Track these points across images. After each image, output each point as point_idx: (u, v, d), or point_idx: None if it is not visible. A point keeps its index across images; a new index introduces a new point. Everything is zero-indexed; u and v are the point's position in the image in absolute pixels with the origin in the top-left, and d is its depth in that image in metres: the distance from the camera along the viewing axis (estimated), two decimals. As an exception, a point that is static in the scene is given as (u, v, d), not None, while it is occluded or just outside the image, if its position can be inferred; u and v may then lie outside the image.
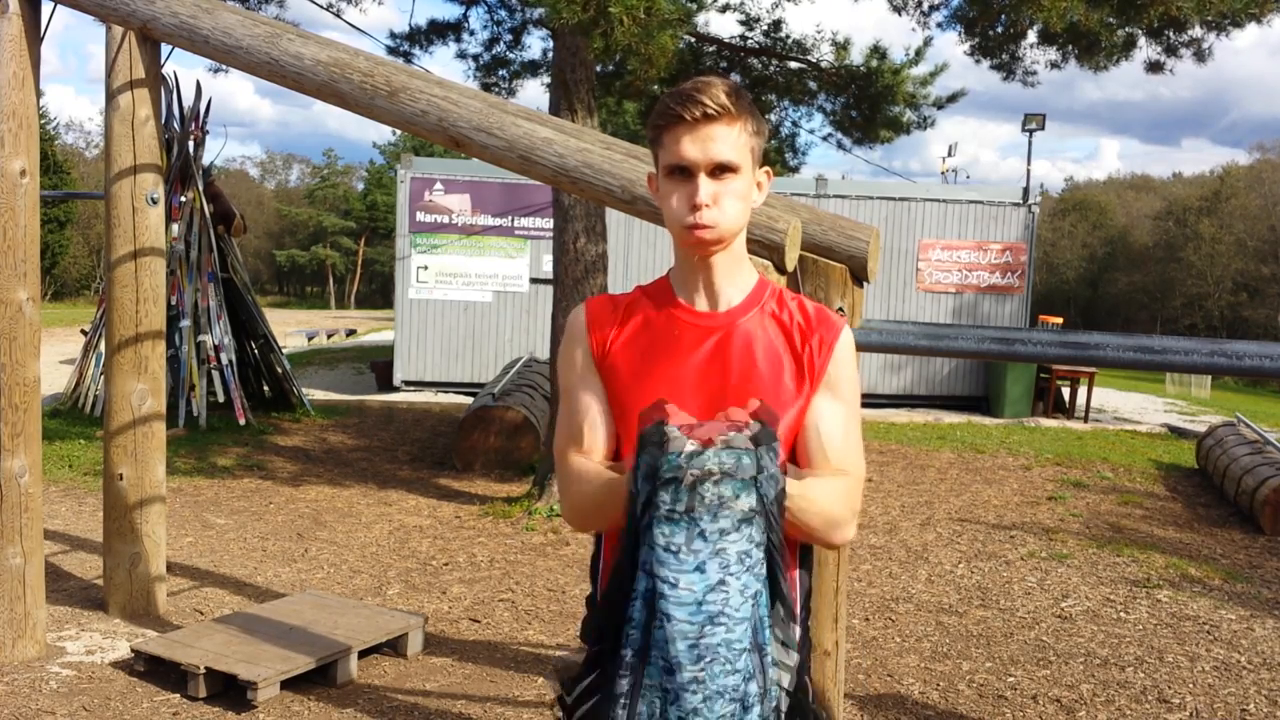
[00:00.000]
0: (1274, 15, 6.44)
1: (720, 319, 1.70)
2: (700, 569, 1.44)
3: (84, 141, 49.14)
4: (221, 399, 9.69)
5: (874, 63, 8.74)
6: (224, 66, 7.04)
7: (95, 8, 4.21)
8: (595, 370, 1.73)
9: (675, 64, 7.16)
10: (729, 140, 1.61)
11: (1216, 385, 19.19)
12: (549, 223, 10.45)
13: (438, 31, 8.91)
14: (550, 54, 7.63)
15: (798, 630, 1.53)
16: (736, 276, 1.72)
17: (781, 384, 1.67)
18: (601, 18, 5.21)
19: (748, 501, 1.45)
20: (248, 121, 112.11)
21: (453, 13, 14.23)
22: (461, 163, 12.74)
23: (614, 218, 9.16)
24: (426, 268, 12.70)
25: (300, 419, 10.34)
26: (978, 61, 8.10)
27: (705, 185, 1.62)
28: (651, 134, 1.67)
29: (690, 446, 1.44)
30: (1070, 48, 7.37)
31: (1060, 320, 14.12)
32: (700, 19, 9.01)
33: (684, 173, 1.63)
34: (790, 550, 1.67)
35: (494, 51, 8.92)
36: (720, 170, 1.62)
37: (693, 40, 8.62)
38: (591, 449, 1.70)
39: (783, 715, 1.51)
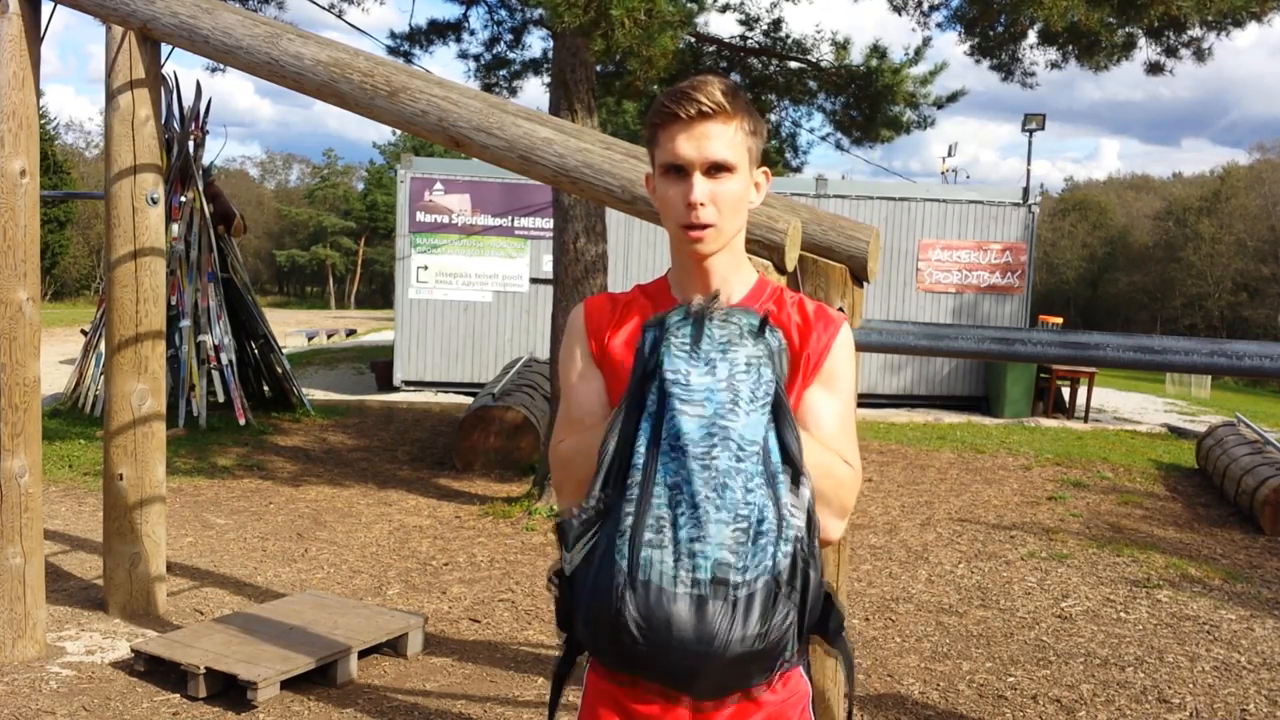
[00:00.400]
0: (1274, 14, 6.44)
1: None
2: (711, 368, 1.44)
3: (84, 141, 49.21)
4: (221, 399, 9.69)
5: (874, 62, 8.74)
6: (224, 66, 7.04)
7: (95, 8, 4.21)
8: (595, 368, 1.73)
9: (675, 64, 7.16)
10: (724, 139, 1.59)
11: (1216, 385, 19.19)
12: (549, 223, 10.45)
13: (438, 31, 8.91)
14: (550, 54, 7.63)
15: (807, 494, 1.46)
16: (735, 276, 1.71)
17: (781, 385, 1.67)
18: (602, 20, 5.21)
19: (755, 350, 1.46)
20: (248, 121, 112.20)
21: (453, 13, 14.23)
22: (461, 163, 12.74)
23: (614, 218, 9.16)
24: (426, 268, 12.70)
25: (300, 419, 10.34)
26: (977, 61, 8.10)
27: (700, 184, 1.60)
28: (648, 133, 1.66)
29: (697, 300, 1.49)
30: (1070, 48, 7.37)
31: (1060, 320, 14.13)
32: (700, 19, 9.01)
33: (679, 171, 1.61)
34: None
35: (494, 51, 8.92)
36: (716, 169, 1.60)
37: (693, 40, 8.62)
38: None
39: (788, 572, 1.42)
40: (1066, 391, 12.72)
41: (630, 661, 1.44)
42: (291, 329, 21.88)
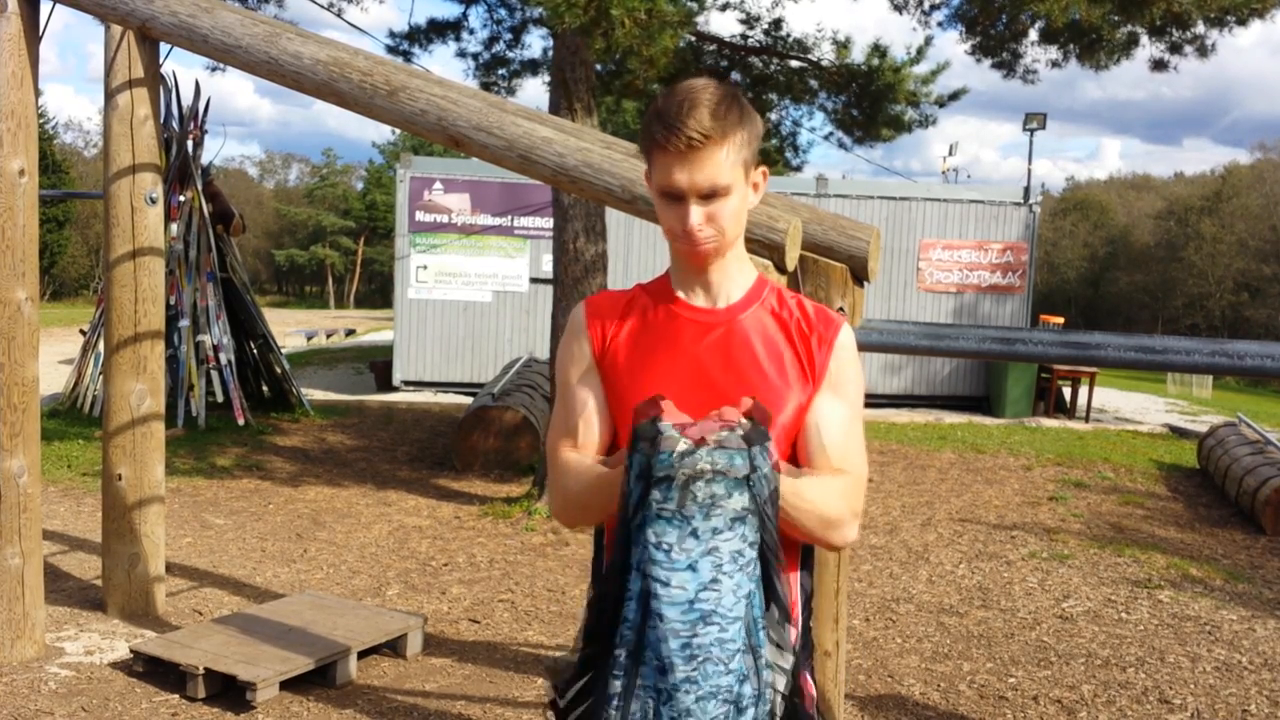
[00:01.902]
0: (1276, 11, 6.43)
1: (720, 315, 1.69)
2: (693, 567, 1.44)
3: (83, 141, 49.14)
4: (220, 399, 9.68)
5: (875, 61, 8.73)
6: (223, 66, 7.02)
7: (94, 7, 4.20)
8: (594, 367, 1.72)
9: (675, 64, 7.15)
10: (717, 164, 1.57)
11: (1218, 385, 19.17)
12: (549, 222, 10.44)
13: (437, 30, 8.89)
14: (550, 53, 7.62)
15: (793, 632, 1.52)
16: (736, 274, 1.71)
17: (782, 380, 1.66)
18: (602, 19, 5.20)
19: (740, 500, 1.45)
20: (247, 121, 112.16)
21: (452, 12, 14.23)
22: (461, 162, 12.73)
23: (614, 217, 9.15)
24: (426, 267, 12.69)
25: (299, 419, 10.33)
26: (978, 61, 8.09)
27: (696, 210, 1.60)
28: (642, 147, 1.64)
29: (683, 445, 1.45)
30: (1071, 46, 7.35)
31: (1061, 320, 14.10)
32: (700, 18, 9.00)
33: (675, 196, 1.61)
34: (791, 552, 1.66)
35: (494, 50, 8.91)
36: (711, 194, 1.59)
37: (693, 40, 8.61)
38: (585, 445, 1.70)
39: (778, 718, 1.50)
40: (1068, 391, 12.71)
41: None
42: (290, 329, 21.87)
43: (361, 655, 4.23)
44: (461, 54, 8.91)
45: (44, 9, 4.16)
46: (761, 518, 1.47)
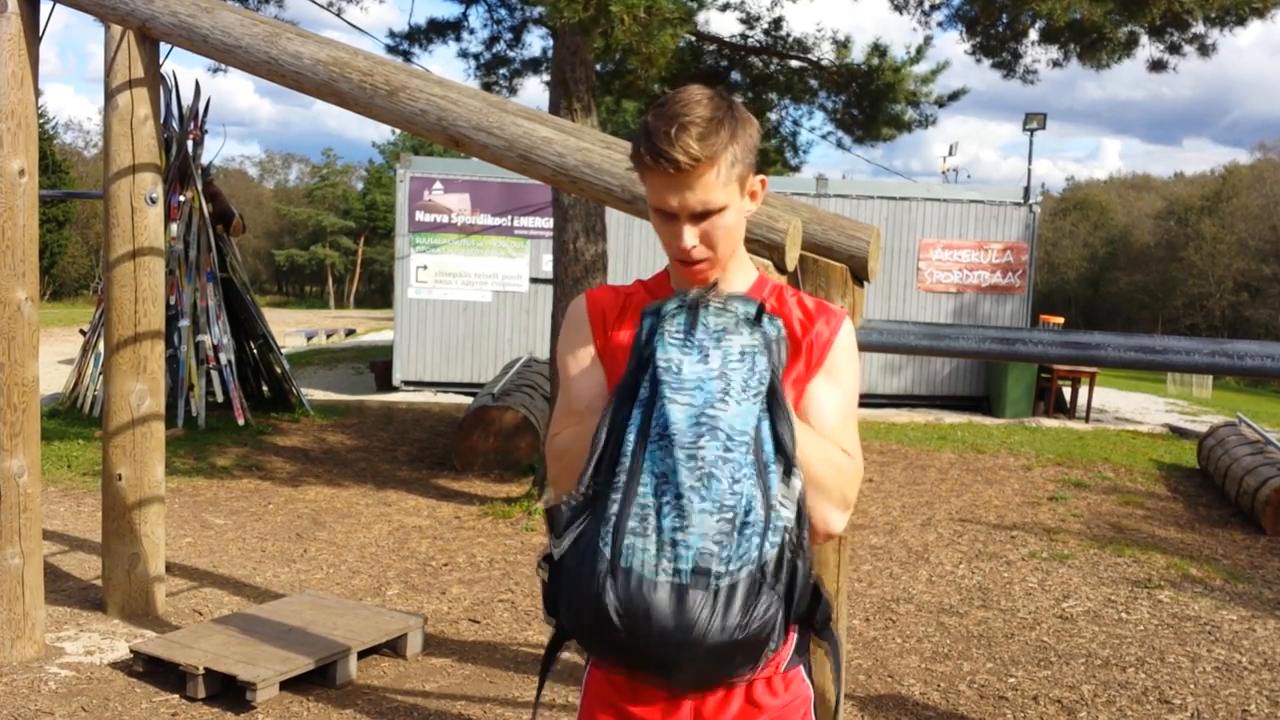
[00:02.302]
0: (1277, 11, 6.43)
1: None
2: (704, 357, 1.45)
3: (83, 141, 49.13)
4: (220, 399, 9.67)
5: (875, 61, 8.73)
6: (223, 66, 7.02)
7: (94, 7, 4.20)
8: (596, 358, 1.71)
9: (675, 63, 7.15)
10: (709, 186, 1.54)
11: (1218, 385, 19.17)
12: (549, 222, 10.43)
13: (437, 30, 8.89)
14: (550, 53, 7.62)
15: (798, 485, 1.46)
16: (736, 275, 1.70)
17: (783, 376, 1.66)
18: (602, 17, 5.19)
19: (750, 338, 1.47)
20: (247, 121, 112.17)
21: (452, 11, 14.23)
22: (461, 162, 12.73)
23: (614, 217, 9.15)
24: (426, 267, 12.68)
25: (299, 419, 10.33)
26: (979, 61, 8.09)
27: (689, 231, 1.57)
28: (633, 162, 1.61)
29: (693, 293, 1.49)
30: (1072, 46, 7.35)
31: (1061, 320, 14.10)
32: (700, 17, 8.99)
33: (668, 214, 1.58)
34: None
35: (494, 50, 8.90)
36: (704, 214, 1.57)
37: (693, 39, 8.61)
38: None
39: (774, 563, 1.42)
40: (1068, 391, 12.71)
41: (613, 649, 1.44)
42: (290, 329, 21.87)
43: (361, 655, 4.23)
44: (462, 54, 8.91)
45: (44, 9, 4.16)
46: (772, 361, 1.47)
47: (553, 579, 1.51)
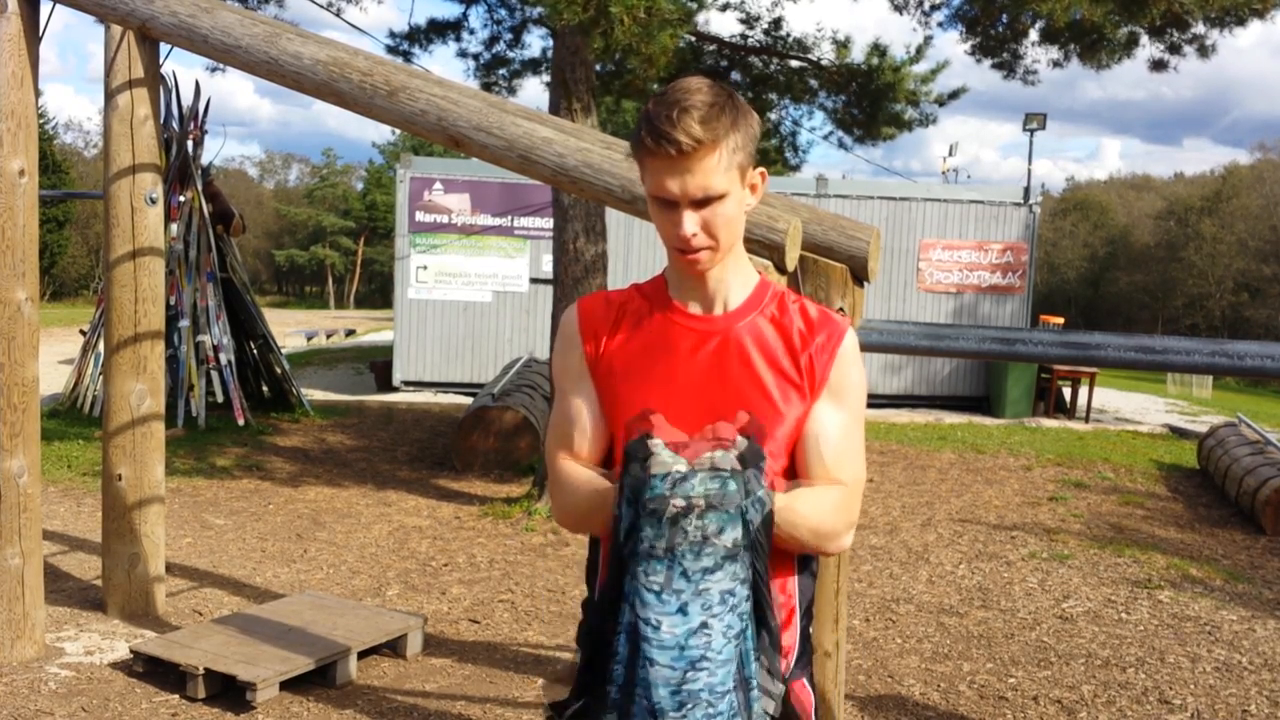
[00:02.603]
0: (1276, 11, 6.43)
1: (718, 323, 1.65)
2: (683, 610, 1.42)
3: (83, 141, 49.10)
4: (220, 399, 9.67)
5: (875, 61, 8.73)
6: (223, 66, 7.02)
7: (94, 7, 4.20)
8: (588, 374, 1.69)
9: (675, 63, 7.14)
10: (710, 170, 1.53)
11: (1218, 385, 19.17)
12: (549, 223, 10.43)
13: (437, 30, 8.90)
14: (550, 53, 7.62)
15: (785, 653, 1.53)
16: (735, 279, 1.66)
17: (781, 392, 1.62)
18: (602, 17, 5.19)
19: (732, 535, 1.44)
20: (247, 121, 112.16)
21: (452, 12, 14.24)
22: (461, 162, 12.73)
23: (614, 217, 9.15)
24: (426, 267, 12.69)
25: (299, 419, 10.33)
26: (979, 61, 8.09)
27: (690, 218, 1.55)
28: (633, 151, 1.60)
29: (677, 467, 1.43)
30: (1072, 46, 7.35)
31: (1061, 320, 14.11)
32: (700, 18, 9.00)
33: (668, 202, 1.57)
34: (787, 557, 1.64)
35: (494, 50, 8.91)
36: (705, 200, 1.55)
37: (693, 39, 8.61)
38: (582, 453, 1.68)
39: None
40: (1067, 392, 12.71)
41: None
42: (290, 329, 21.87)
43: (361, 655, 4.22)
44: (462, 54, 8.92)
45: (44, 9, 4.16)
46: (754, 547, 1.46)
47: None
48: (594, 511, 1.60)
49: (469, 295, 12.72)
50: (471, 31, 8.91)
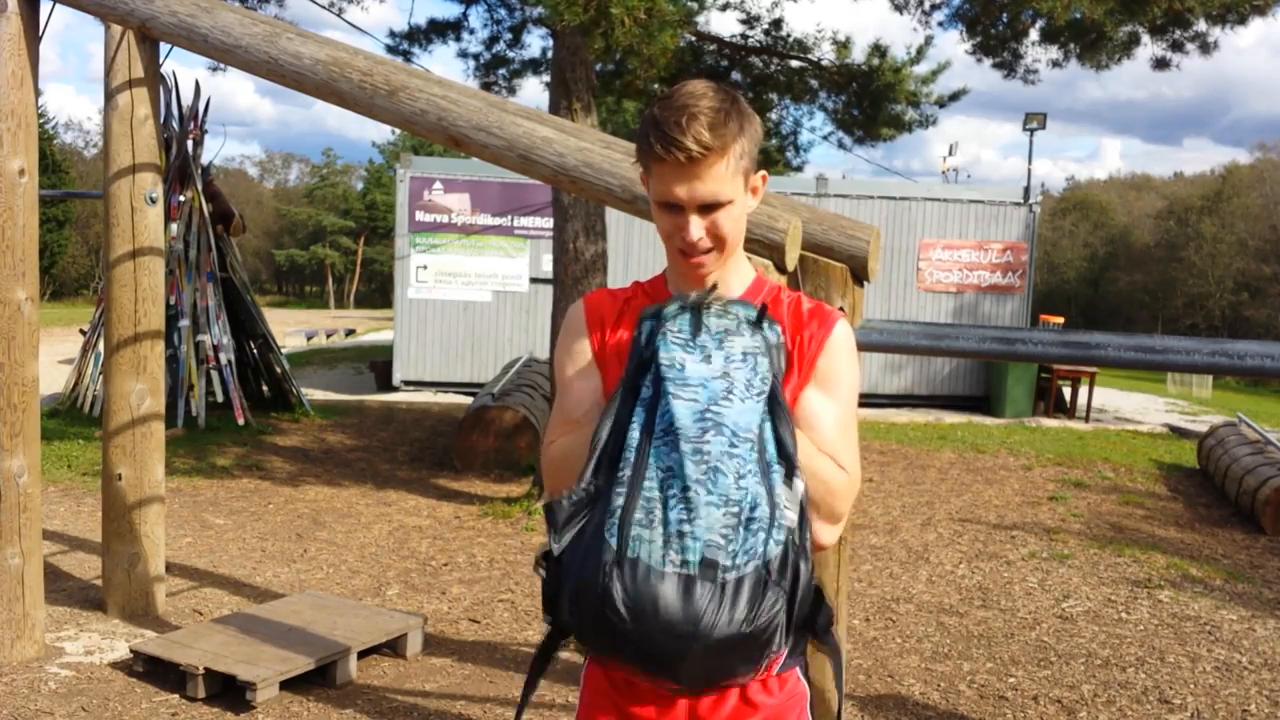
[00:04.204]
0: (1277, 9, 6.43)
1: None
2: (707, 359, 1.46)
3: (83, 141, 49.10)
4: (220, 399, 9.68)
5: (875, 61, 8.74)
6: (223, 66, 7.02)
7: (94, 7, 4.20)
8: (594, 364, 1.70)
9: (675, 63, 7.15)
10: (717, 177, 1.54)
11: (1218, 385, 19.17)
12: (549, 222, 10.44)
13: (437, 30, 8.90)
14: (550, 53, 7.62)
15: (800, 487, 1.46)
16: (733, 276, 1.69)
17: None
18: (602, 18, 5.19)
19: (752, 341, 1.48)
20: (248, 121, 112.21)
21: (453, 11, 14.24)
22: (461, 162, 12.73)
23: (614, 217, 9.15)
24: (426, 267, 12.69)
25: (299, 419, 10.33)
26: (979, 60, 8.10)
27: (696, 223, 1.56)
28: (638, 155, 1.61)
29: (692, 295, 1.51)
30: (1072, 45, 7.36)
31: (1061, 320, 14.12)
32: (700, 18, 9.00)
33: (674, 207, 1.58)
34: None
35: (494, 50, 8.91)
36: (712, 206, 1.56)
37: (693, 39, 8.61)
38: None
39: (779, 562, 1.42)
40: (1068, 391, 12.71)
41: (616, 642, 1.43)
42: (290, 329, 21.88)
43: (361, 655, 4.22)
44: (462, 54, 8.91)
45: (44, 9, 4.16)
46: (773, 366, 1.48)
47: (552, 576, 1.51)
48: (581, 445, 1.55)
49: (469, 295, 12.72)
50: (471, 31, 8.91)
